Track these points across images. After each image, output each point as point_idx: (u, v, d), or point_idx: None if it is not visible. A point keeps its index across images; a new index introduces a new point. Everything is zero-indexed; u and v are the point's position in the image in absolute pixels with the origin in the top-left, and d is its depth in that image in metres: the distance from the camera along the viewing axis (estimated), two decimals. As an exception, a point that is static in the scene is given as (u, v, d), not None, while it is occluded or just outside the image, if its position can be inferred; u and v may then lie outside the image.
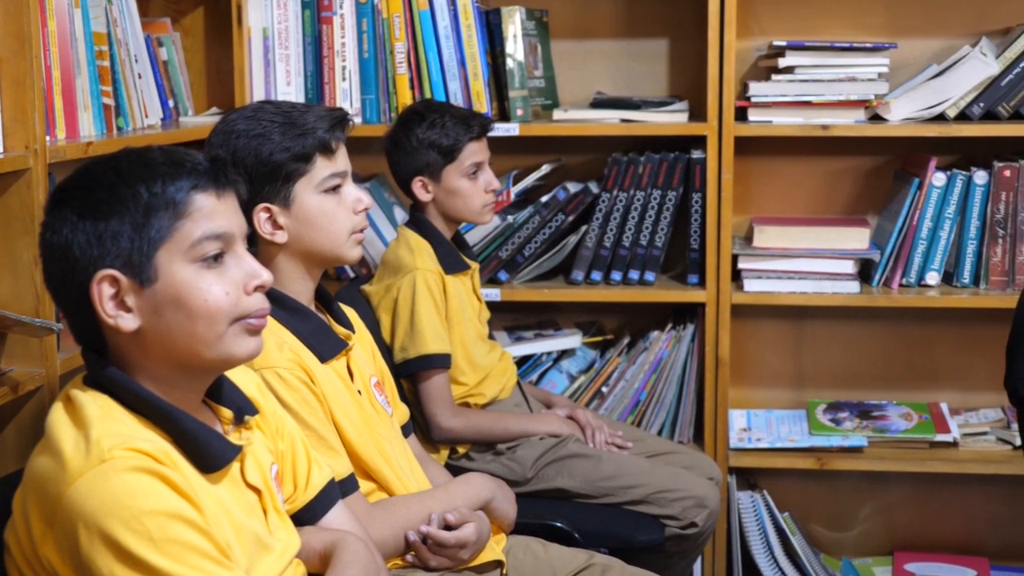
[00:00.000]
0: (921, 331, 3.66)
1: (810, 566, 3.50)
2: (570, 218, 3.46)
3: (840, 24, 3.52)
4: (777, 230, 3.43)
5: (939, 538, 3.72)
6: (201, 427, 1.69)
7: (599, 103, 3.51)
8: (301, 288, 2.28)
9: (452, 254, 3.03)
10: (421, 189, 3.00)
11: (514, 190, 3.47)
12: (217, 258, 1.67)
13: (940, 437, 3.47)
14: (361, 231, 2.30)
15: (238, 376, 1.87)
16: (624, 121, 3.40)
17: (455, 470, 2.78)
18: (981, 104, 3.31)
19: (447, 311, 2.98)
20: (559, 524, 2.76)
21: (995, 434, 3.51)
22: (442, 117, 2.97)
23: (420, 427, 2.94)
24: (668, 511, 2.93)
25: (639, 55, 3.62)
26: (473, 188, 3.01)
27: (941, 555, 3.66)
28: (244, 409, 1.82)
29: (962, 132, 3.29)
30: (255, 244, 2.21)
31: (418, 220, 3.03)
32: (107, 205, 1.63)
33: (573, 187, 3.49)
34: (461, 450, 3.02)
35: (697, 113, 3.44)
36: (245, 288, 1.69)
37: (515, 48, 3.40)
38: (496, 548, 2.40)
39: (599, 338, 3.65)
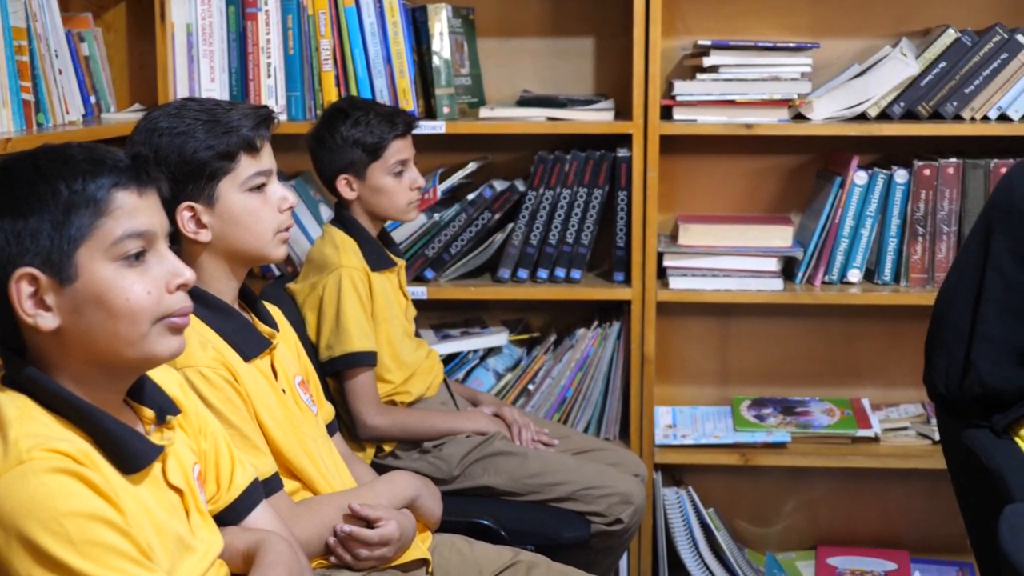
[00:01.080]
0: (843, 328, 3.70)
1: (735, 561, 3.53)
2: (496, 216, 3.47)
3: (764, 24, 3.55)
4: (702, 228, 3.46)
5: (861, 532, 3.77)
6: (122, 427, 1.68)
7: (525, 101, 3.51)
8: (225, 287, 2.26)
9: (378, 251, 3.02)
10: (346, 187, 2.99)
11: (440, 188, 3.47)
12: (139, 256, 1.66)
13: (862, 432, 3.51)
14: (286, 230, 2.28)
15: (160, 375, 1.86)
16: (550, 119, 3.41)
17: (381, 468, 2.77)
18: (902, 104, 3.36)
19: (373, 309, 2.97)
20: (485, 522, 2.77)
21: (915, 429, 3.57)
22: (367, 115, 2.96)
23: (346, 425, 2.93)
24: (594, 508, 2.95)
25: (565, 53, 3.63)
26: (398, 186, 3.00)
27: (863, 549, 3.71)
28: (166, 409, 1.80)
29: (883, 131, 3.34)
30: (178, 242, 2.19)
31: (343, 218, 3.02)
32: (26, 203, 1.61)
33: (499, 185, 3.50)
34: (387, 448, 3.01)
35: (623, 112, 3.46)
36: (167, 287, 1.68)
37: (441, 46, 3.39)
38: (422, 546, 2.40)
39: (525, 336, 3.65)
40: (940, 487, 3.64)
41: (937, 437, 3.45)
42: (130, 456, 1.68)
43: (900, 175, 3.39)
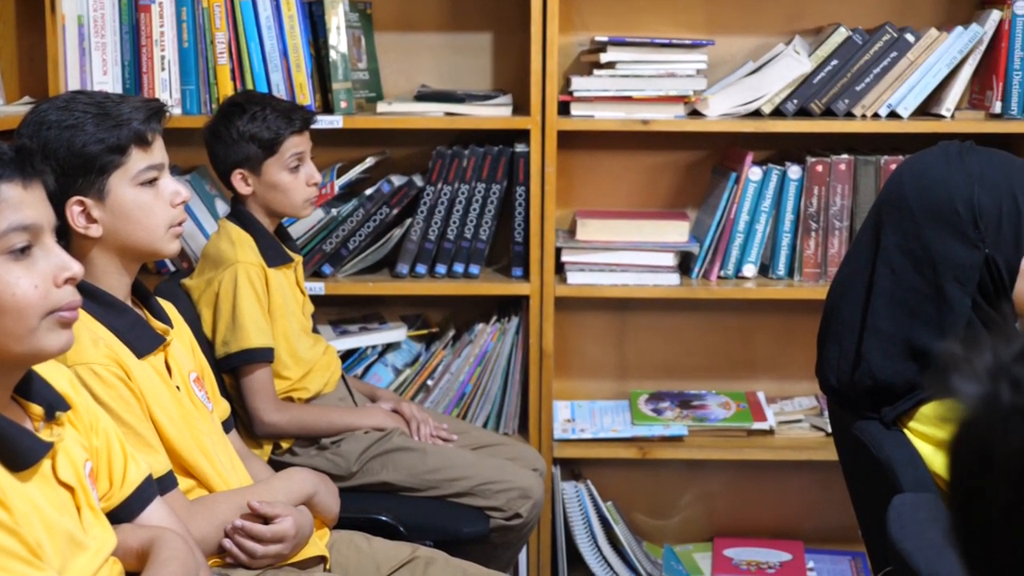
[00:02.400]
0: (739, 322, 3.75)
1: (633, 554, 3.56)
2: (395, 211, 3.46)
3: (660, 21, 3.58)
4: (599, 223, 3.48)
5: (757, 523, 3.82)
6: (8, 424, 1.65)
7: (423, 96, 3.50)
8: (117, 283, 2.22)
9: (274, 247, 3.00)
10: (241, 182, 2.96)
11: (338, 183, 3.45)
12: (24, 251, 1.63)
13: (757, 425, 3.56)
14: (179, 224, 2.25)
15: (49, 371, 1.82)
16: (448, 114, 3.41)
17: (278, 465, 2.75)
18: (795, 101, 3.41)
19: (270, 305, 2.94)
20: (384, 518, 2.76)
21: (809, 421, 3.62)
22: (263, 110, 2.94)
23: (243, 422, 2.91)
24: (493, 503, 2.95)
25: (463, 49, 3.63)
26: (294, 182, 2.98)
27: (759, 540, 3.76)
28: (55, 405, 1.77)
29: (777, 128, 3.38)
30: (68, 238, 2.15)
31: (239, 213, 2.99)
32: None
33: (397, 180, 3.48)
34: (285, 445, 2.99)
35: (521, 107, 3.47)
36: (55, 281, 1.65)
37: (338, 40, 3.37)
38: (319, 543, 2.38)
39: (424, 331, 3.65)
40: (833, 478, 3.68)
41: (830, 429, 3.51)
42: (18, 453, 1.64)
43: (793, 171, 3.44)
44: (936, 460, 2.01)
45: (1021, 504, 0.93)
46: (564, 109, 3.41)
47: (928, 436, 2.03)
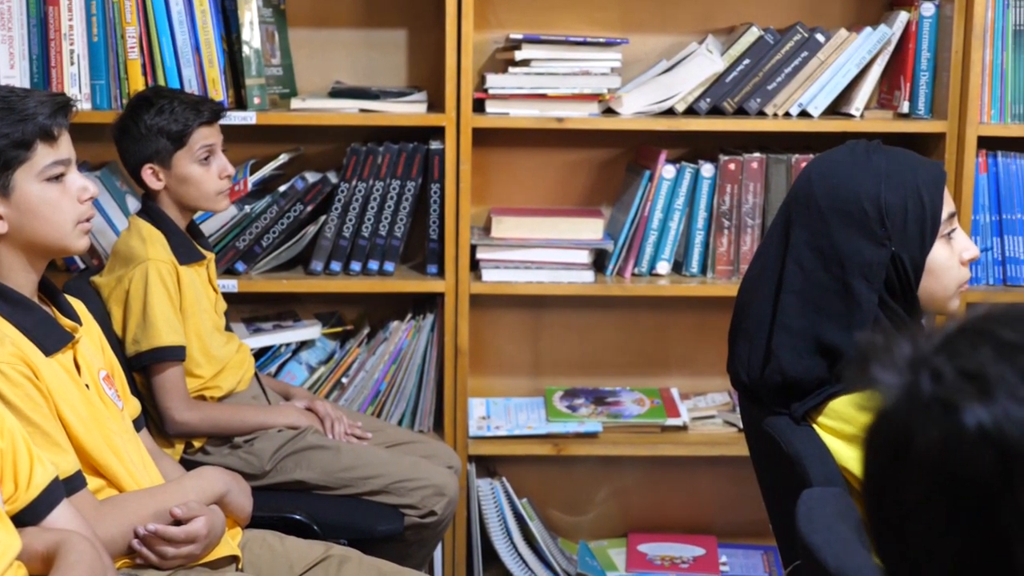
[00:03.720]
0: (653, 319, 3.77)
1: (548, 551, 3.57)
2: (309, 208, 3.43)
3: (574, 19, 3.59)
4: (514, 221, 3.49)
5: (671, 519, 3.84)
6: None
7: (338, 92, 3.49)
8: (23, 280, 2.19)
9: (186, 244, 2.97)
10: (152, 177, 2.93)
11: (251, 179, 3.42)
12: None
13: (671, 421, 3.58)
14: (87, 220, 2.23)
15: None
16: (363, 111, 3.39)
17: (190, 465, 2.73)
18: (708, 99, 3.44)
19: (181, 302, 2.92)
20: (297, 516, 2.74)
21: (722, 417, 3.65)
22: (171, 103, 2.91)
23: (154, 421, 2.88)
24: (407, 500, 2.95)
25: (378, 45, 3.61)
26: (206, 174, 2.95)
27: (672, 535, 3.79)
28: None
29: (690, 126, 3.41)
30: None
31: (150, 209, 2.96)
32: None
33: (312, 177, 3.46)
34: (197, 444, 2.96)
35: (436, 104, 3.46)
36: None
37: (251, 35, 3.35)
38: (231, 543, 2.37)
39: (339, 329, 3.63)
40: (746, 474, 3.71)
41: (742, 425, 3.54)
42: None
43: (707, 169, 3.47)
44: (844, 454, 2.04)
45: (936, 496, 0.94)
46: (479, 107, 3.41)
47: (837, 431, 2.06)
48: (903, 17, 3.42)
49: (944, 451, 0.92)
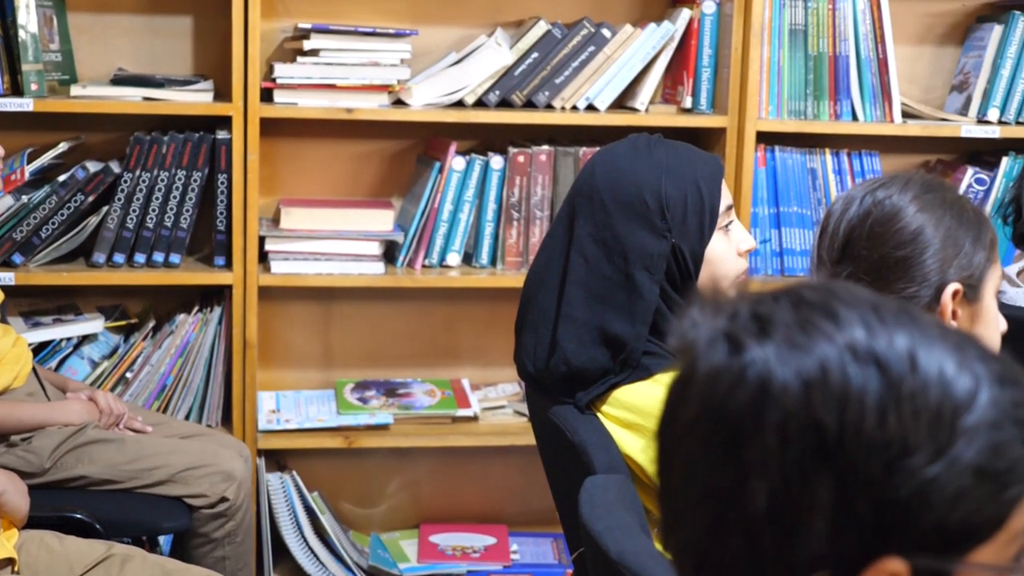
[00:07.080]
0: (444, 310, 3.78)
1: (339, 544, 3.55)
2: (90, 198, 3.34)
3: (363, 9, 3.58)
4: (304, 212, 3.46)
5: (462, 509, 3.87)
6: None
7: (120, 80, 3.40)
8: None
9: (-42, 236, 2.86)
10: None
11: (29, 168, 3.31)
12: None
13: (462, 412, 3.61)
14: None
15: None
16: (146, 99, 3.32)
17: (-37, 465, 2.63)
18: (497, 92, 3.46)
19: (-47, 296, 2.81)
20: (78, 515, 2.68)
21: (512, 407, 3.69)
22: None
23: (-76, 420, 2.77)
24: (196, 489, 2.91)
25: (162, 32, 3.53)
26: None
27: (464, 525, 3.81)
28: None
29: (479, 118, 3.43)
30: None
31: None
32: None
33: (93, 166, 3.37)
34: (-29, 443, 2.86)
35: (222, 93, 3.40)
36: None
37: (28, 19, 3.23)
38: (7, 544, 2.30)
39: (123, 322, 3.54)
40: (535, 463, 3.75)
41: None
42: None
43: (496, 161, 3.49)
44: (627, 443, 2.08)
45: (700, 422, 0.97)
46: (267, 96, 3.37)
47: (620, 420, 2.10)
48: (686, 14, 3.51)
49: (714, 379, 0.96)
